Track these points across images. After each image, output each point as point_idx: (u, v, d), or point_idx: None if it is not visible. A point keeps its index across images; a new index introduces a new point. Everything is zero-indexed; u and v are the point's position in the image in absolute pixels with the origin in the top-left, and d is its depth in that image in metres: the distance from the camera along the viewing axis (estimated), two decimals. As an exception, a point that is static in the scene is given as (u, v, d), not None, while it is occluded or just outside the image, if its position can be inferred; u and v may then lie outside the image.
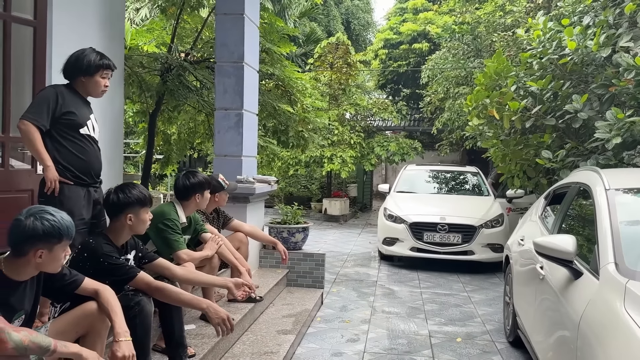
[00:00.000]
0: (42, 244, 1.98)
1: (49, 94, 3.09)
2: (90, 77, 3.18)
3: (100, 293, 2.24)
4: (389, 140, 13.20)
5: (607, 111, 5.01)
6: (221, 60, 5.29)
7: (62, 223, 2.00)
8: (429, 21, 15.95)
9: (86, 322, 2.21)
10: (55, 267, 2.07)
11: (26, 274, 2.03)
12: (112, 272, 2.53)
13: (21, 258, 1.98)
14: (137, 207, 2.68)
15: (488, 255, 7.63)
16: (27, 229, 1.94)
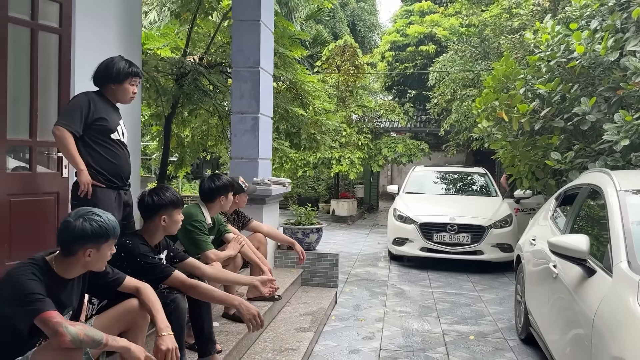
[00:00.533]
0: (90, 244, 2.10)
1: (82, 101, 3.22)
2: (120, 84, 3.31)
3: (141, 290, 2.37)
4: (396, 142, 13.32)
5: (615, 114, 5.12)
6: (237, 65, 5.42)
7: (109, 223, 2.13)
8: (436, 23, 16.07)
9: (128, 317, 2.34)
10: (102, 265, 2.20)
11: (75, 272, 2.16)
12: (148, 271, 2.66)
13: (71, 257, 2.11)
14: (171, 209, 2.81)
15: (497, 255, 7.74)
16: (76, 230, 2.07)
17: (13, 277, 1.98)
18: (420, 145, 13.41)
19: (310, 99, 7.12)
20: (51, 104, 4.31)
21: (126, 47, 5.74)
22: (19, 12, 4.03)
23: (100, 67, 3.33)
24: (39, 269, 2.03)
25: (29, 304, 1.92)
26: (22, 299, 1.92)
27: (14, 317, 1.97)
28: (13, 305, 1.94)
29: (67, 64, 4.36)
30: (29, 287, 1.94)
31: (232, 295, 2.88)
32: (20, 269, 2.01)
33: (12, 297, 1.94)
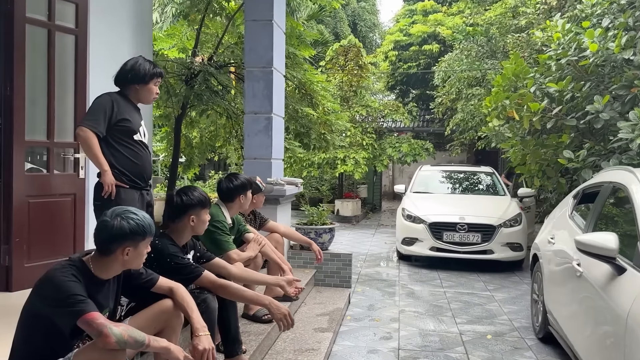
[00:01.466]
0: (128, 242, 2.09)
1: (105, 101, 3.20)
2: (145, 85, 3.30)
3: (175, 291, 2.36)
4: (400, 141, 13.31)
5: (631, 112, 5.11)
6: (250, 65, 5.41)
7: (145, 221, 2.13)
8: (439, 23, 16.07)
9: (163, 318, 2.32)
10: (139, 264, 2.19)
11: (112, 272, 2.14)
12: (179, 271, 2.64)
13: (109, 257, 2.09)
14: (199, 209, 2.80)
15: (507, 254, 7.73)
16: (114, 229, 2.06)
17: (54, 279, 1.96)
18: (425, 144, 13.41)
19: (320, 99, 7.11)
20: (68, 105, 4.30)
21: (138, 47, 5.73)
22: (36, 13, 4.02)
23: (125, 67, 3.30)
24: (78, 270, 2.02)
25: (72, 306, 1.90)
26: (64, 300, 1.91)
27: (55, 318, 1.95)
28: (55, 307, 1.93)
29: (83, 65, 4.34)
30: (70, 288, 1.93)
31: (262, 295, 2.87)
32: (60, 270, 1.99)
33: (54, 299, 1.93)
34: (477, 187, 9.54)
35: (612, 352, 2.72)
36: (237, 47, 7.59)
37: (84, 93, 4.35)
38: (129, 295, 2.37)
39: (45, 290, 1.97)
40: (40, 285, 2.00)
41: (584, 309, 3.22)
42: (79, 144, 3.19)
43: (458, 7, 14.34)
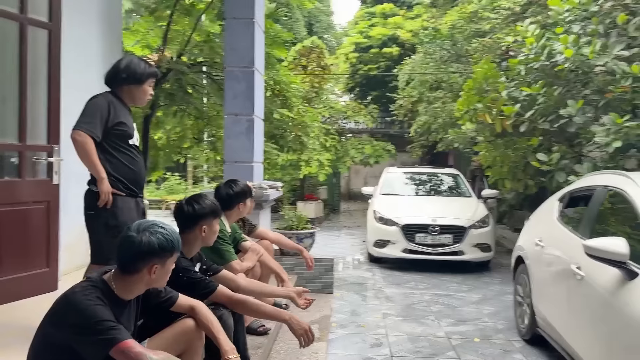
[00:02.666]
0: (157, 259, 1.91)
1: (101, 103, 2.97)
2: (139, 85, 3.09)
3: (197, 309, 2.18)
4: (363, 143, 13.33)
5: (605, 116, 5.26)
6: (231, 64, 5.22)
7: (174, 235, 1.95)
8: (399, 26, 16.21)
9: (184, 339, 2.14)
10: (164, 282, 2.01)
11: (136, 292, 1.95)
12: (192, 286, 2.45)
13: (133, 275, 1.90)
14: (211, 218, 2.62)
15: (477, 255, 7.84)
16: (142, 245, 1.87)
17: (77, 304, 1.74)
18: (387, 146, 13.48)
19: (294, 101, 6.97)
20: (40, 104, 3.99)
21: (107, 44, 5.45)
22: (7, 5, 3.70)
23: (119, 67, 3.09)
24: (102, 292, 1.81)
25: (102, 333, 1.70)
26: (92, 327, 1.70)
27: (81, 349, 1.73)
28: (80, 335, 1.71)
29: (56, 62, 4.04)
30: (98, 313, 1.72)
31: (281, 310, 2.72)
32: (82, 293, 1.78)
33: (79, 326, 1.71)
34: (444, 188, 9.65)
35: (628, 357, 2.73)
36: (206, 46, 7.34)
37: (57, 92, 4.04)
38: (145, 315, 2.16)
39: (66, 317, 1.75)
40: (59, 311, 1.78)
41: (589, 313, 3.24)
42: (75, 148, 2.93)
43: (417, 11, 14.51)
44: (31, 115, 3.86)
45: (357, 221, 14.41)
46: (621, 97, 5.38)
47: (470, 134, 8.98)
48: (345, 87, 17.80)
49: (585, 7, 6.08)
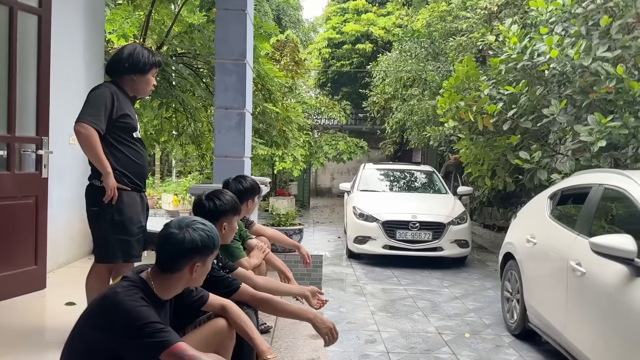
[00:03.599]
0: (199, 257, 1.83)
1: (106, 94, 2.83)
2: (143, 75, 2.97)
3: (228, 309, 2.10)
4: (337, 139, 13.32)
5: (590, 116, 5.40)
6: (222, 57, 5.08)
7: (214, 232, 1.87)
8: (372, 22, 16.25)
9: (216, 339, 2.06)
10: (202, 281, 1.93)
11: (174, 291, 1.86)
12: (216, 284, 2.37)
13: (174, 274, 1.81)
14: (231, 215, 2.54)
15: (455, 251, 7.95)
16: (185, 242, 1.78)
17: (121, 304, 1.64)
18: (360, 143, 13.52)
19: (279, 95, 6.88)
20: (29, 94, 3.80)
21: (90, 32, 5.25)
22: (-4, -13, 3.49)
23: (122, 56, 2.94)
24: (143, 292, 1.72)
25: (151, 336, 1.60)
26: (140, 330, 1.60)
27: (126, 353, 1.64)
28: (127, 338, 1.61)
29: (47, 50, 3.85)
30: (145, 315, 1.63)
31: (305, 309, 2.65)
32: (125, 293, 1.67)
33: (125, 329, 1.61)
34: (421, 185, 9.75)
35: (635, 351, 2.80)
36: (187, 37, 7.16)
37: (46, 81, 3.85)
38: (176, 316, 2.07)
39: (110, 319, 1.64)
40: (101, 313, 1.67)
41: (592, 309, 3.31)
42: (79, 142, 2.79)
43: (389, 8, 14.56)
44: (20, 105, 3.67)
45: (328, 217, 14.43)
46: (604, 98, 5.53)
47: (448, 131, 9.10)
48: (317, 83, 17.74)
49: (568, 9, 6.22)
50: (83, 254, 5.28)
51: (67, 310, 3.53)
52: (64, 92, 4.62)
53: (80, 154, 5.13)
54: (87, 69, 5.15)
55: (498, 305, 5.75)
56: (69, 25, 4.78)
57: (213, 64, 6.71)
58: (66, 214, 4.85)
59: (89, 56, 5.23)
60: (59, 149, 4.47)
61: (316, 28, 20.48)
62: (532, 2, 6.90)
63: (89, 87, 5.24)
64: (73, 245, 5.05)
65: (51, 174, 4.08)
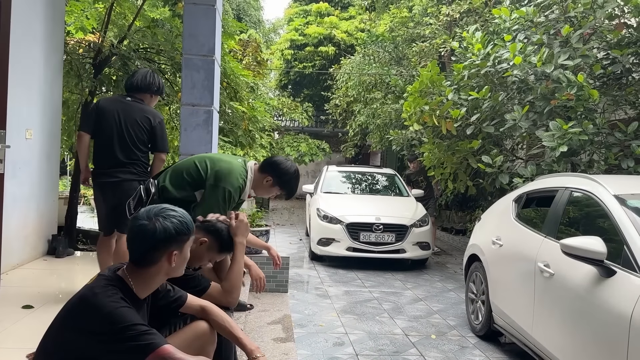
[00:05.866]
0: (175, 245, 1.74)
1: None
2: (157, 96, 4.13)
3: (209, 310, 2.01)
4: (299, 141, 13.27)
5: (551, 122, 5.56)
6: (189, 52, 4.94)
7: (187, 216, 1.79)
8: (334, 26, 16.30)
9: (198, 344, 1.96)
10: (182, 270, 1.83)
11: (154, 285, 1.76)
12: (187, 283, 2.27)
13: (152, 268, 1.72)
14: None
15: (417, 253, 8.03)
16: (158, 233, 1.69)
17: (100, 306, 1.53)
18: (321, 144, 13.52)
19: (245, 94, 6.77)
20: (-15, 84, 3.55)
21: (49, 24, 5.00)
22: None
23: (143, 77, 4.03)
24: (122, 291, 1.61)
25: (135, 339, 1.50)
26: (123, 333, 1.50)
27: (105, 355, 1.52)
28: (109, 341, 1.51)
29: (5, 37, 3.62)
30: (127, 317, 1.52)
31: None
32: (104, 294, 1.56)
33: (107, 331, 1.50)
34: (383, 188, 9.81)
35: (609, 354, 2.86)
36: (149, 32, 6.95)
37: (5, 71, 3.63)
38: (153, 318, 1.96)
39: (89, 322, 1.53)
40: (79, 314, 1.56)
41: (562, 310, 3.38)
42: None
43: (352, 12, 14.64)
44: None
45: (288, 219, 14.34)
46: (564, 105, 5.70)
47: (411, 135, 9.20)
48: (278, 84, 17.64)
49: (530, 18, 6.39)
50: (37, 255, 5.02)
51: (24, 313, 3.32)
52: (20, 84, 4.39)
53: (37, 149, 4.91)
54: (46, 59, 4.92)
55: (461, 307, 5.83)
56: (27, 13, 4.55)
57: (177, 60, 6.56)
58: (21, 212, 4.60)
59: (49, 47, 4.99)
60: (15, 143, 4.25)
61: (277, 29, 20.37)
62: (496, 10, 7.07)
63: (48, 78, 5.04)
64: (27, 246, 4.79)
65: (6, 169, 3.86)
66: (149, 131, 4.00)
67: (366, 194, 9.57)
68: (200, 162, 3.14)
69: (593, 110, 5.85)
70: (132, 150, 3.92)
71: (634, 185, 3.59)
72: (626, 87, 6.03)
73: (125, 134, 3.90)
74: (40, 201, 4.95)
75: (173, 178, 3.14)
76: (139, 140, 3.96)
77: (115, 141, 3.87)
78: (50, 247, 5.19)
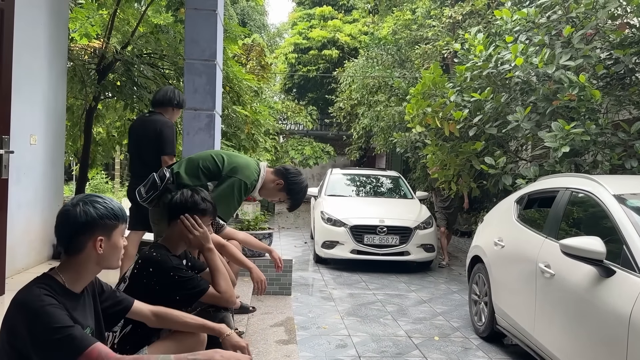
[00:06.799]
0: (100, 230, 1.73)
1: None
2: (179, 109, 4.33)
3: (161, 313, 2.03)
4: (303, 144, 13.29)
5: (554, 123, 5.55)
6: (191, 57, 4.99)
7: (114, 204, 1.78)
8: (338, 29, 16.34)
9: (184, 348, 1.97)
10: (117, 259, 1.80)
11: (87, 276, 1.76)
12: (183, 285, 2.30)
13: (79, 255, 1.72)
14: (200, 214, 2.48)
15: (422, 255, 8.03)
16: (79, 217, 1.70)
17: (25, 307, 1.55)
18: (326, 148, 13.53)
19: (247, 98, 6.81)
20: (-11, 91, 3.61)
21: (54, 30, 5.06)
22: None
23: (164, 93, 4.28)
24: (51, 289, 1.62)
25: (64, 342, 1.51)
26: (50, 334, 1.51)
27: (40, 355, 1.54)
28: (37, 342, 1.52)
29: (9, 45, 3.68)
30: (54, 317, 1.53)
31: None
32: (31, 294, 1.58)
33: (35, 334, 1.52)
34: (387, 190, 9.82)
35: (609, 353, 2.86)
36: (152, 38, 7.02)
37: (8, 77, 3.69)
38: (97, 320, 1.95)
39: (19, 323, 1.55)
40: (10, 316, 1.57)
41: (562, 310, 3.37)
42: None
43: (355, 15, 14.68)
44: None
45: (294, 222, 14.36)
46: (566, 105, 5.69)
47: (414, 137, 9.21)
48: (283, 88, 17.70)
49: (532, 19, 6.39)
50: (42, 259, 5.07)
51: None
52: (25, 90, 4.45)
53: (41, 154, 4.97)
54: (50, 66, 4.98)
55: (465, 309, 5.82)
56: (32, 21, 4.60)
57: (181, 65, 6.61)
58: (25, 217, 4.65)
59: (53, 53, 5.05)
60: (19, 149, 4.29)
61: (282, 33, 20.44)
62: (498, 12, 7.07)
63: (52, 84, 5.09)
64: (32, 251, 4.84)
65: (10, 175, 3.90)
66: (156, 139, 4.19)
67: (370, 196, 9.58)
68: (217, 155, 3.37)
69: (596, 111, 5.84)
70: (146, 161, 4.19)
71: (634, 185, 3.58)
72: (629, 87, 6.01)
73: (141, 149, 4.23)
74: (44, 206, 5.00)
75: (188, 168, 3.31)
76: (153, 150, 4.17)
77: (134, 156, 4.33)
78: (55, 252, 5.24)
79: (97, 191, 16.00)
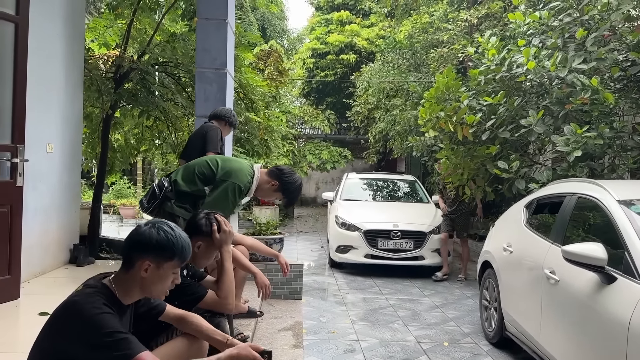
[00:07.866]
0: (151, 256, 1.78)
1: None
2: (232, 127, 4.83)
3: (187, 318, 2.09)
4: (320, 148, 13.35)
5: (565, 127, 5.49)
6: (202, 66, 5.10)
7: (179, 239, 1.81)
8: (355, 33, 16.39)
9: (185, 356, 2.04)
10: (159, 291, 1.85)
11: (133, 294, 1.82)
12: (183, 291, 2.37)
13: (129, 272, 1.79)
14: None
15: (436, 260, 7.99)
16: (140, 236, 1.78)
17: (82, 312, 1.62)
18: (343, 152, 13.57)
19: (261, 105, 6.90)
20: (5, 101, 3.76)
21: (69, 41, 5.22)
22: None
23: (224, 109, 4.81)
24: (106, 297, 1.69)
25: (115, 347, 1.58)
26: (102, 340, 1.58)
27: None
28: (88, 347, 1.59)
29: (23, 57, 3.82)
30: (107, 323, 1.60)
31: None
32: (85, 300, 1.65)
33: (87, 338, 1.58)
34: (403, 194, 9.80)
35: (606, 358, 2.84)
36: (168, 46, 7.16)
37: (23, 88, 3.83)
38: (136, 325, 2.04)
39: (70, 328, 1.62)
40: (61, 322, 1.65)
41: (566, 317, 3.35)
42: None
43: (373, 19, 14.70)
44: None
45: (312, 227, 14.42)
46: (580, 109, 5.63)
47: (430, 141, 9.17)
48: (301, 93, 17.80)
49: (545, 22, 6.34)
50: (59, 264, 5.22)
51: (41, 320, 3.48)
52: (42, 100, 4.60)
53: (57, 162, 5.13)
54: (66, 76, 5.14)
55: (477, 314, 5.78)
56: (48, 33, 4.76)
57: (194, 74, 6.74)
58: (41, 223, 4.80)
59: (69, 64, 5.21)
60: (36, 157, 4.44)
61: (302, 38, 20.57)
62: (511, 15, 7.02)
63: (68, 94, 5.25)
64: (48, 255, 4.99)
65: (26, 182, 4.05)
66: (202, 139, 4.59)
67: (386, 200, 9.58)
68: (212, 160, 3.49)
69: (613, 114, 5.76)
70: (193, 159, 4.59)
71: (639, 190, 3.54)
72: (646, 89, 5.91)
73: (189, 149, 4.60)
74: (61, 212, 5.15)
75: (185, 174, 3.43)
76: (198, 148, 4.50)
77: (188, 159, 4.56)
78: (72, 256, 5.39)
79: (119, 196, 16.29)
